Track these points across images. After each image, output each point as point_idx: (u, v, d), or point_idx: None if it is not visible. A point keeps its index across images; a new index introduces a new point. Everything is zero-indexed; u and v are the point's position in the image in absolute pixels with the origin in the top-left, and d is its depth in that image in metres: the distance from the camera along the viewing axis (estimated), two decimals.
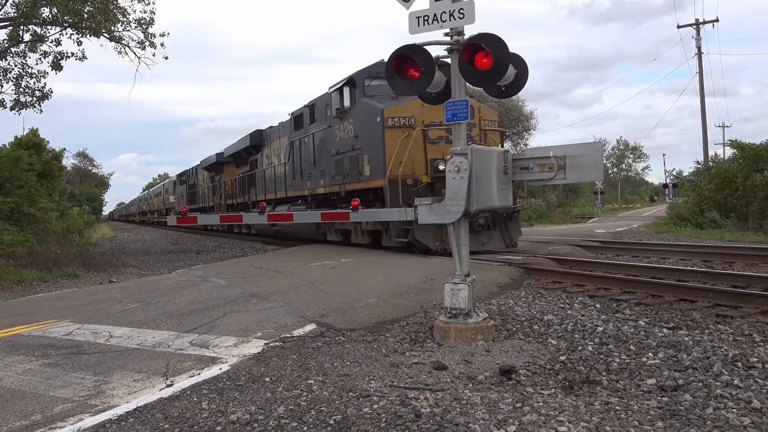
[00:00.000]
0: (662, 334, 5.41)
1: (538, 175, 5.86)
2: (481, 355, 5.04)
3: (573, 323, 6.00)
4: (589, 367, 4.67)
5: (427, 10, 5.60)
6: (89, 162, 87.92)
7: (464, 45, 5.40)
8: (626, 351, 5.03)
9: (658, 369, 4.50)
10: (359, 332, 5.92)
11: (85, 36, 19.03)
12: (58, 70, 18.28)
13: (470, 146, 5.47)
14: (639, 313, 6.56)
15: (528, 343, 5.43)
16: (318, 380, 4.44)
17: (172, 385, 4.35)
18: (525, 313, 6.65)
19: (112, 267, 15.89)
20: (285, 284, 8.91)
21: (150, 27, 20.30)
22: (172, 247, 26.27)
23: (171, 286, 9.51)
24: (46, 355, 5.37)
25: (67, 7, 17.31)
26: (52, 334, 6.23)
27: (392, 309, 6.85)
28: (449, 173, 5.47)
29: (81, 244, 22.55)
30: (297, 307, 7.08)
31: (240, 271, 11.12)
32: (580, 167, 5.65)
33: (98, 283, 11.86)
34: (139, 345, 5.61)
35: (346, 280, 8.96)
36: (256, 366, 4.81)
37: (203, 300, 7.84)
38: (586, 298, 7.58)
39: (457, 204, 5.42)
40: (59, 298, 9.16)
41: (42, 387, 4.46)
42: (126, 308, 7.55)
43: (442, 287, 5.67)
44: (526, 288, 8.51)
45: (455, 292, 5.56)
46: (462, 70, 5.48)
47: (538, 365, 4.75)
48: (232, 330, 6.03)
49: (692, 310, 6.61)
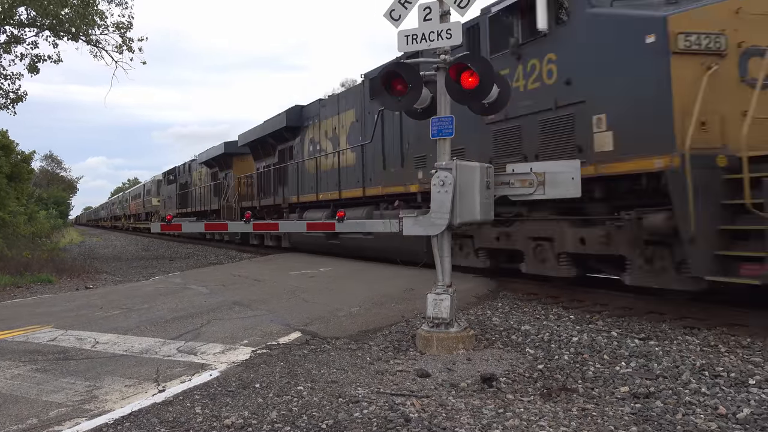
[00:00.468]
0: (634, 345, 5.68)
1: (519, 190, 6.09)
2: (463, 364, 5.22)
3: (549, 333, 6.25)
4: (565, 375, 4.89)
5: (415, 29, 5.81)
6: (57, 165, 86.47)
7: (451, 64, 5.63)
8: (600, 360, 5.28)
9: (631, 377, 4.74)
10: (343, 340, 6.07)
11: (62, 39, 18.94)
12: (34, 72, 18.13)
13: (455, 161, 5.68)
14: (611, 324, 6.83)
15: (507, 352, 5.63)
16: (307, 386, 4.58)
17: (165, 391, 4.45)
18: (502, 323, 6.88)
19: (85, 273, 15.74)
20: (266, 292, 9.01)
21: (128, 31, 20.29)
22: (143, 254, 26.05)
23: (151, 293, 9.53)
24: (34, 361, 5.41)
25: (45, 10, 17.20)
26: (36, 340, 6.25)
27: (374, 318, 7.01)
28: (434, 187, 5.67)
29: (52, 249, 22.25)
30: (280, 315, 7.20)
31: (219, 278, 11.17)
32: (559, 183, 5.90)
33: (74, 289, 11.78)
34: (126, 351, 5.68)
35: (326, 289, 9.10)
36: (245, 372, 4.93)
37: (186, 307, 7.90)
38: (560, 309, 7.83)
39: (441, 217, 5.62)
40: (37, 303, 9.12)
41: (34, 392, 4.51)
42: (108, 315, 7.58)
43: (422, 297, 5.86)
44: (502, 299, 8.74)
45: (438, 302, 5.75)
46: (449, 87, 5.70)
47: (518, 373, 4.95)
48: (218, 337, 6.13)
49: (661, 321, 6.90)
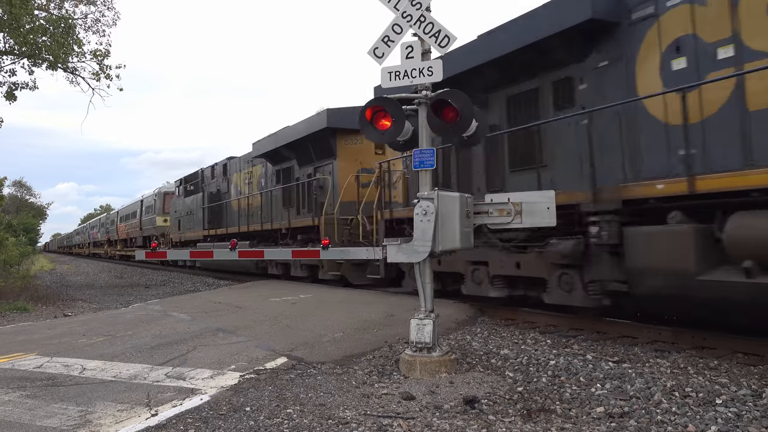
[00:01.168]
0: (608, 367, 5.95)
1: (497, 219, 6.36)
2: (446, 387, 5.41)
3: (527, 357, 6.48)
4: (544, 396, 5.11)
5: (398, 66, 6.10)
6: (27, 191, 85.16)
7: (433, 100, 5.92)
8: (577, 382, 5.52)
9: (606, 398, 4.99)
10: (329, 365, 6.22)
11: (39, 67, 18.98)
12: (12, 100, 18.08)
13: (436, 192, 5.94)
14: (586, 348, 7.09)
15: (487, 375, 5.84)
16: (296, 409, 4.73)
17: (158, 415, 4.56)
18: (482, 347, 7.10)
19: (61, 301, 15.64)
20: (248, 319, 9.10)
21: (106, 59, 20.40)
22: (117, 281, 25.82)
23: (132, 320, 9.55)
24: (22, 387, 5.46)
25: (24, 38, 17.26)
26: (22, 367, 6.28)
27: (358, 343, 7.17)
28: (417, 216, 5.91)
29: (24, 277, 21.94)
30: (265, 341, 7.32)
31: (199, 306, 11.21)
32: (535, 213, 6.19)
33: (52, 316, 11.72)
34: (114, 377, 5.75)
35: (309, 315, 9.23)
36: (235, 396, 5.05)
37: (169, 334, 7.97)
38: (537, 334, 8.08)
39: (424, 245, 5.85)
40: (17, 331, 9.08)
41: (27, 417, 4.58)
42: (92, 342, 7.61)
43: (403, 323, 6.05)
44: (480, 324, 8.96)
45: (421, 327, 5.95)
46: (430, 122, 5.99)
47: (498, 395, 5.16)
48: (205, 363, 6.23)
49: (634, 345, 7.18)
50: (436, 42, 5.96)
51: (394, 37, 6.17)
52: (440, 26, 5.97)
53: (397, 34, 6.15)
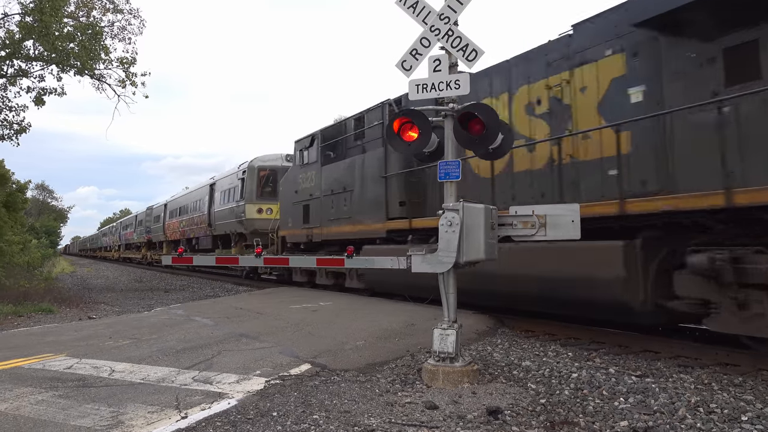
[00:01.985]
0: (631, 381, 5.95)
1: (521, 231, 6.41)
2: (468, 397, 5.45)
3: (549, 369, 6.50)
4: (567, 409, 5.14)
5: (426, 79, 6.19)
6: (49, 194, 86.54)
7: (460, 113, 6.00)
8: (600, 396, 5.53)
9: (630, 412, 5.00)
10: (352, 372, 6.29)
11: (67, 73, 19.38)
12: (40, 105, 18.47)
13: (461, 203, 6.00)
14: (608, 361, 7.09)
15: (510, 386, 5.87)
16: (322, 415, 4.80)
17: (187, 417, 4.66)
18: (503, 358, 7.12)
19: (84, 303, 15.89)
20: (270, 325, 9.21)
21: (132, 66, 20.76)
22: (137, 285, 26.11)
23: (156, 324, 9.70)
24: (54, 387, 5.59)
25: (53, 45, 17.65)
26: (53, 368, 6.43)
27: (380, 352, 7.24)
28: (442, 227, 5.98)
29: (48, 279, 22.32)
30: (288, 347, 7.41)
31: (221, 311, 11.34)
32: (560, 226, 6.23)
33: (77, 319, 11.93)
34: (143, 380, 5.87)
35: (330, 322, 9.31)
36: (261, 401, 5.14)
37: (193, 338, 8.09)
38: (558, 346, 8.08)
39: (448, 255, 5.92)
40: (45, 332, 9.27)
41: (61, 417, 4.70)
42: (119, 344, 7.76)
43: (424, 332, 6.10)
44: (501, 335, 8.98)
45: (444, 337, 6.00)
46: (456, 134, 6.07)
47: (521, 407, 5.19)
48: (230, 368, 6.33)
49: (656, 360, 7.17)
50: (463, 56, 6.05)
51: (422, 51, 6.27)
52: (468, 40, 6.06)
53: (425, 47, 6.25)
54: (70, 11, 19.75)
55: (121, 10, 20.97)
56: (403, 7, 6.36)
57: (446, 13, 6.16)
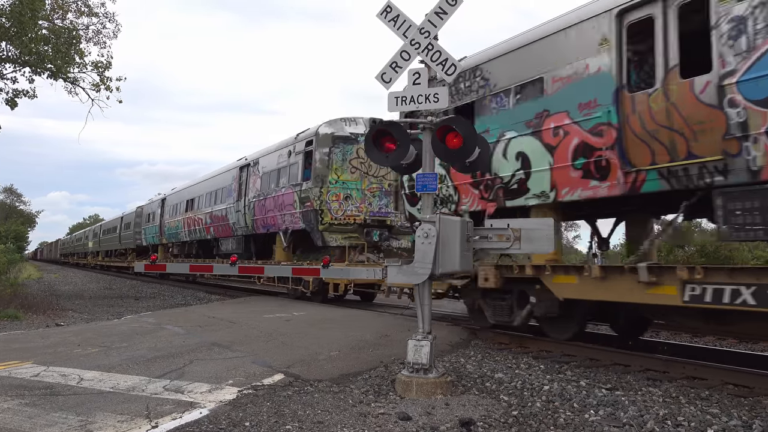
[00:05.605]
0: (601, 394, 6.03)
1: (496, 244, 6.48)
2: (441, 408, 5.47)
3: (521, 381, 6.55)
4: (538, 421, 5.18)
5: (405, 91, 6.26)
6: (16, 198, 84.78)
7: (438, 126, 6.06)
8: (570, 408, 5.59)
9: (600, 425, 5.06)
10: (325, 383, 6.27)
11: (40, 76, 19.05)
12: (13, 107, 18.15)
13: (438, 215, 6.05)
14: (579, 374, 7.17)
15: (482, 398, 5.90)
16: (295, 426, 4.78)
17: (158, 427, 4.60)
18: (476, 370, 7.16)
19: (51, 310, 15.55)
20: (243, 335, 9.13)
21: (107, 70, 20.52)
22: (106, 292, 25.64)
23: (126, 332, 9.55)
24: (21, 395, 5.47)
25: (27, 47, 17.36)
26: (20, 375, 6.29)
27: (353, 362, 7.22)
28: (418, 239, 6.01)
29: (14, 284, 21.79)
30: (261, 357, 7.35)
31: (193, 320, 11.21)
32: (534, 239, 6.31)
33: (44, 326, 11.68)
34: (113, 388, 5.77)
35: (303, 333, 9.27)
36: (233, 411, 5.09)
37: (165, 347, 7.99)
38: (530, 359, 8.15)
39: (424, 267, 5.95)
40: (11, 339, 9.06)
41: (27, 425, 4.60)
42: (87, 352, 7.62)
43: (398, 343, 6.11)
44: (474, 347, 9.02)
45: (418, 348, 6.02)
46: (434, 147, 6.13)
47: (493, 418, 5.22)
48: (202, 377, 6.26)
49: (626, 373, 7.27)
50: (443, 70, 6.13)
51: (402, 64, 6.34)
52: (447, 54, 6.14)
53: (405, 60, 6.32)
54: (44, 14, 19.47)
55: (96, 13, 20.74)
56: (385, 20, 6.42)
57: (426, 27, 6.23)
